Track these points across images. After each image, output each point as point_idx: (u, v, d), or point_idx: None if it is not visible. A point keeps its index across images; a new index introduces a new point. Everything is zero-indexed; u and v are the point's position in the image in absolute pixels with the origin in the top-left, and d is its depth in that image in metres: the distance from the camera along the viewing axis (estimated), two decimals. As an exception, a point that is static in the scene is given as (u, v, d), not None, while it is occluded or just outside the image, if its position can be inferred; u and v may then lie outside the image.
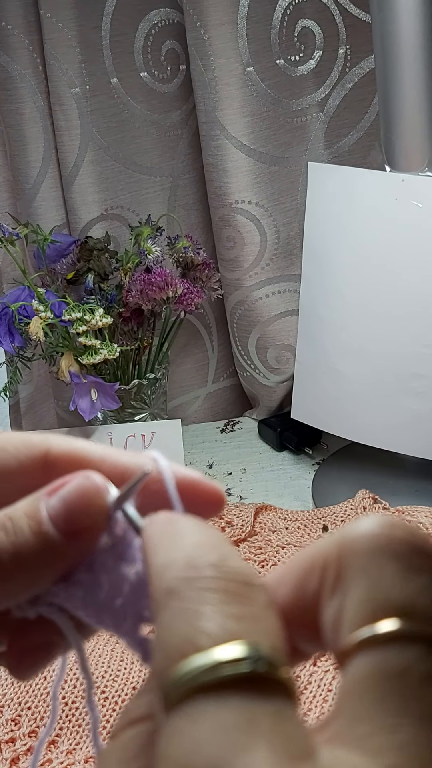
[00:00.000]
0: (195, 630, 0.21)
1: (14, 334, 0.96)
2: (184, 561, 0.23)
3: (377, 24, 0.81)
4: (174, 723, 0.20)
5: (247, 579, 0.22)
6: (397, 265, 0.87)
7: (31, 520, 0.26)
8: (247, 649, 0.20)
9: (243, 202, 1.03)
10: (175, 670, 0.20)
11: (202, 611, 0.21)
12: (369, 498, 0.89)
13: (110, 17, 0.99)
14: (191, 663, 0.20)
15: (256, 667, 0.20)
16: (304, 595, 0.24)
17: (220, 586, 0.22)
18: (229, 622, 0.21)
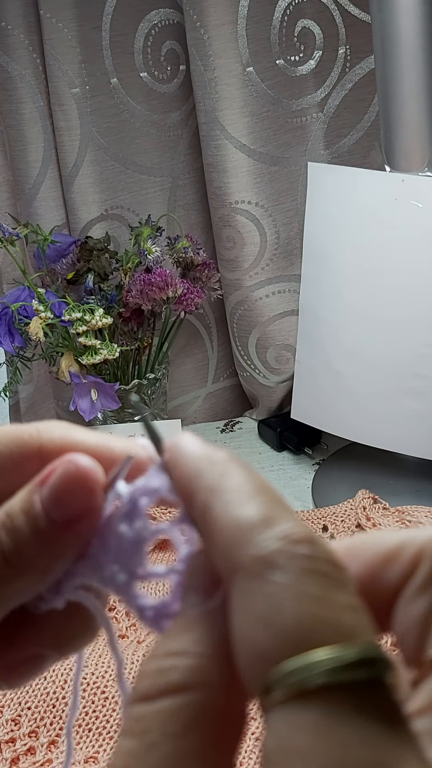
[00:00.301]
0: (316, 619, 0.20)
1: (14, 334, 0.96)
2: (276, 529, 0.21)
3: (377, 24, 0.81)
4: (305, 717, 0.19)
5: (338, 563, 0.21)
6: (397, 265, 0.87)
7: (27, 516, 0.26)
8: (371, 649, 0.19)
9: (243, 202, 1.03)
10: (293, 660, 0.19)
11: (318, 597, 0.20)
12: (369, 498, 0.89)
13: (110, 17, 0.99)
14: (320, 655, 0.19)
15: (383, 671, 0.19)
16: (378, 582, 0.23)
17: (321, 569, 0.21)
18: (346, 615, 0.20)
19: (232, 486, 0.22)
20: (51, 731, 0.68)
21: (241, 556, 0.21)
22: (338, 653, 0.19)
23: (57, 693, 0.70)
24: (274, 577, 0.20)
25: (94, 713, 0.70)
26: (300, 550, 0.21)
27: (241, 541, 0.21)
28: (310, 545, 0.21)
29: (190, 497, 0.24)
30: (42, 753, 0.67)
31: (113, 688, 0.70)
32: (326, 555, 0.21)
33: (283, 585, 0.20)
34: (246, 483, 0.23)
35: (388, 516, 0.85)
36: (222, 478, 0.23)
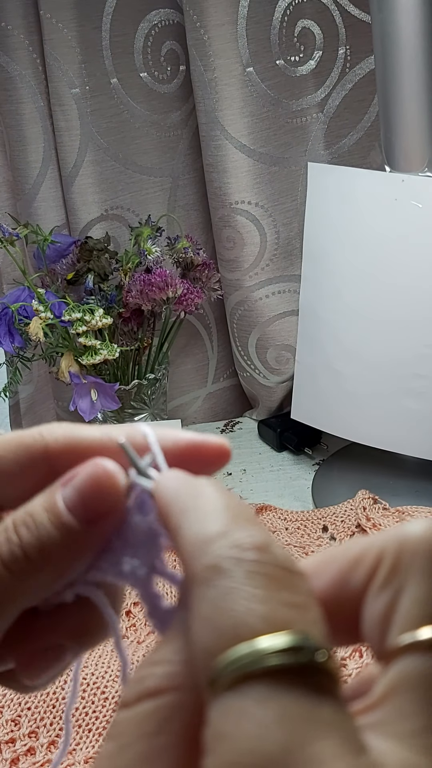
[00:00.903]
0: (251, 613, 0.21)
1: (14, 334, 0.96)
2: (229, 539, 0.23)
3: (377, 24, 0.81)
4: (234, 703, 0.20)
5: (290, 566, 0.23)
6: (397, 266, 0.87)
7: (50, 513, 0.27)
8: (301, 638, 0.21)
9: (243, 202, 1.03)
10: (230, 652, 0.20)
11: (256, 594, 0.21)
12: (369, 498, 0.89)
13: (110, 18, 0.99)
14: (248, 646, 0.20)
15: (315, 657, 0.20)
16: (346, 586, 0.24)
17: (267, 571, 0.22)
18: (282, 609, 0.21)
19: (199, 506, 0.24)
20: (51, 731, 0.68)
21: (196, 566, 0.22)
22: (265, 643, 0.20)
23: (57, 693, 0.70)
24: (220, 582, 0.22)
25: (94, 713, 0.70)
26: (246, 556, 0.22)
27: (198, 553, 0.23)
28: (258, 551, 0.22)
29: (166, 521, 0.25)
30: (42, 753, 0.67)
31: (113, 688, 0.70)
32: (274, 560, 0.22)
33: (226, 587, 0.21)
34: (212, 502, 0.24)
35: (388, 516, 0.85)
36: (192, 500, 0.24)
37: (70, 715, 0.32)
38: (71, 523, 0.26)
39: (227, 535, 0.23)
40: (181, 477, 0.26)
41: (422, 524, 0.24)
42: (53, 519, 0.27)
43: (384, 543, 0.24)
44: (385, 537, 0.24)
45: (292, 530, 0.88)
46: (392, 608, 0.22)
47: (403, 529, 0.24)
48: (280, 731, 0.19)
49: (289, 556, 0.23)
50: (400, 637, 0.22)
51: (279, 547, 0.23)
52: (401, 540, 0.23)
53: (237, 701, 0.20)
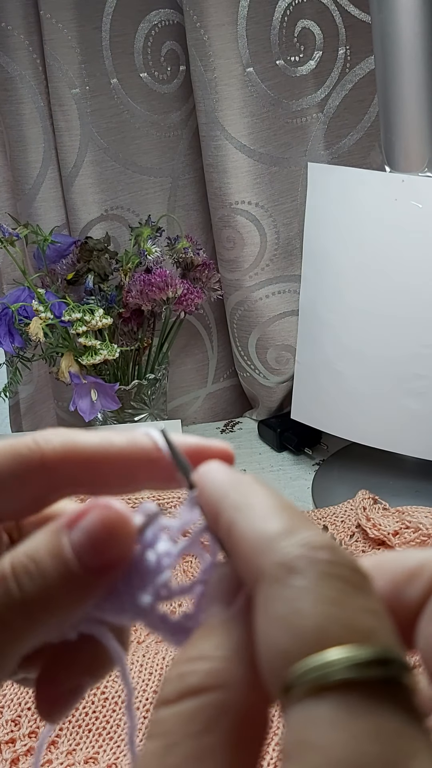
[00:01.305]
0: (332, 619, 0.20)
1: (14, 334, 0.96)
2: (299, 537, 0.22)
3: (377, 25, 0.81)
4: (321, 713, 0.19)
5: (360, 569, 0.22)
6: (397, 266, 0.87)
7: (56, 560, 0.25)
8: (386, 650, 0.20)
9: (243, 202, 1.03)
10: (313, 658, 0.20)
11: (334, 598, 0.21)
12: (369, 498, 0.89)
13: (110, 18, 0.99)
14: (336, 654, 0.20)
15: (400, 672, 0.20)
16: (400, 597, 0.23)
17: (342, 573, 0.21)
18: (363, 617, 0.21)
19: (255, 503, 0.24)
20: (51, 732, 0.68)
21: (265, 562, 0.22)
22: (353, 652, 0.20)
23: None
24: (295, 582, 0.21)
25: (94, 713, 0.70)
26: (320, 556, 0.21)
27: (265, 550, 0.22)
28: (331, 551, 0.22)
29: (216, 517, 0.25)
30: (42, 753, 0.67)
31: (113, 688, 0.70)
32: (346, 561, 0.22)
33: (302, 588, 0.21)
34: (268, 500, 0.24)
35: (388, 516, 0.85)
36: (246, 497, 0.24)
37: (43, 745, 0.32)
38: (79, 573, 0.25)
39: (294, 534, 0.22)
40: (227, 470, 0.25)
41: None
42: (60, 568, 0.25)
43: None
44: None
45: (292, 530, 0.88)
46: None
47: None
48: (378, 745, 0.19)
49: (355, 558, 0.22)
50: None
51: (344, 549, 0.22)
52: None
53: (325, 710, 0.19)
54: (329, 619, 0.20)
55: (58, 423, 1.18)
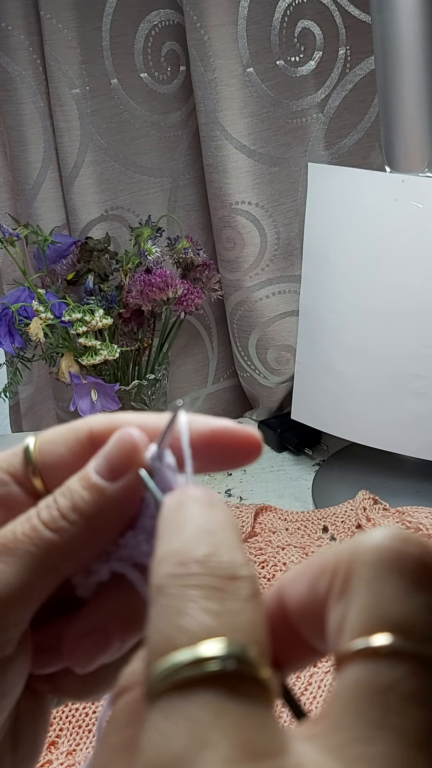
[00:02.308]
0: (174, 628, 0.22)
1: (14, 334, 0.96)
2: (175, 557, 0.24)
3: (377, 25, 0.81)
4: (151, 717, 0.21)
5: (231, 572, 0.23)
6: (397, 266, 0.87)
7: (82, 480, 0.29)
8: (224, 646, 0.21)
9: (243, 203, 1.03)
10: (156, 667, 0.21)
11: (183, 608, 0.22)
12: (369, 499, 0.89)
13: (110, 18, 0.99)
14: (169, 660, 0.21)
15: (225, 665, 0.21)
16: (316, 595, 0.25)
17: (202, 582, 0.23)
18: (207, 619, 0.22)
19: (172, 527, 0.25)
20: (51, 732, 0.68)
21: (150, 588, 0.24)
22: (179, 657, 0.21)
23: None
24: (159, 600, 0.23)
25: (94, 714, 0.70)
26: (183, 571, 0.23)
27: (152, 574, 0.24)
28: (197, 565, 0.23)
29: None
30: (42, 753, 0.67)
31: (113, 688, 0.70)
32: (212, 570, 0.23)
33: (161, 606, 0.23)
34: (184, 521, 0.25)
35: (389, 517, 0.85)
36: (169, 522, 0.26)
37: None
38: (98, 483, 0.29)
39: (177, 553, 0.24)
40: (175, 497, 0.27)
41: (373, 535, 0.24)
42: (84, 483, 0.29)
43: (339, 553, 0.24)
44: (342, 547, 0.25)
45: (293, 531, 0.88)
46: (343, 619, 0.23)
47: (355, 540, 0.24)
48: (178, 741, 0.20)
49: (235, 562, 0.23)
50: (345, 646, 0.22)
51: (227, 554, 0.23)
52: (352, 550, 0.24)
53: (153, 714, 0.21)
54: (171, 627, 0.22)
55: (58, 423, 1.18)
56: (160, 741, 0.20)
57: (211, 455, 0.30)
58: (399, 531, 0.24)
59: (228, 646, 0.21)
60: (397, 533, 0.24)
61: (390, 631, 0.21)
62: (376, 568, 0.23)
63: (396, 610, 0.22)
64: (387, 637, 0.21)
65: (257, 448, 0.30)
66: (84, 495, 0.29)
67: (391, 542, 0.23)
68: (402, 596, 0.22)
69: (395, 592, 0.22)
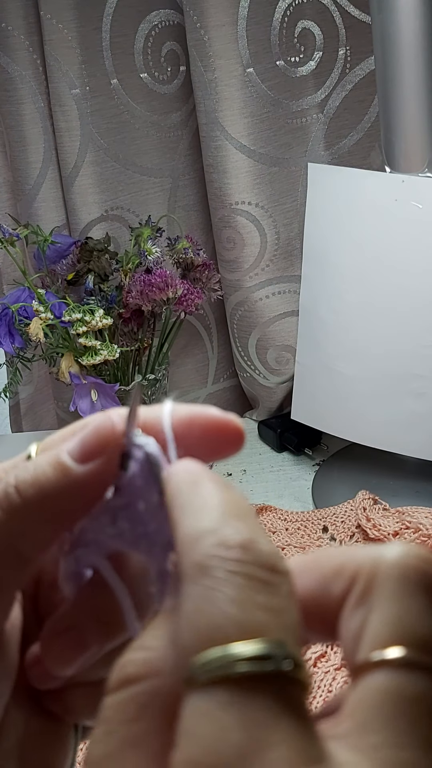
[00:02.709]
0: (227, 618, 0.22)
1: (14, 335, 0.96)
2: (217, 536, 0.23)
3: (377, 25, 0.81)
4: (201, 704, 0.21)
5: (274, 565, 0.23)
6: (397, 266, 0.87)
7: (51, 457, 0.28)
8: (271, 646, 0.21)
9: (243, 203, 1.03)
10: (204, 654, 0.21)
11: (235, 597, 0.22)
12: (369, 499, 0.89)
13: (110, 18, 0.99)
14: (220, 651, 0.21)
15: (282, 665, 0.21)
16: (327, 593, 0.25)
17: (249, 572, 0.22)
18: (258, 614, 0.22)
19: (195, 501, 0.25)
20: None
21: (185, 562, 0.23)
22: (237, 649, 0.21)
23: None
24: (203, 581, 0.22)
25: (94, 714, 0.69)
26: (229, 554, 0.23)
27: (188, 549, 0.23)
28: (242, 550, 0.23)
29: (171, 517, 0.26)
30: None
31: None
32: (257, 558, 0.23)
33: (207, 587, 0.22)
34: (209, 497, 0.25)
35: (388, 517, 0.85)
36: (191, 495, 0.25)
37: None
38: (66, 462, 0.27)
39: (216, 532, 0.23)
40: (187, 470, 0.26)
41: (396, 549, 0.25)
42: (52, 461, 0.28)
43: (361, 561, 0.25)
44: (363, 555, 0.25)
45: (292, 531, 0.88)
46: (364, 627, 0.23)
47: (379, 551, 0.25)
48: (239, 735, 0.20)
49: (274, 553, 0.23)
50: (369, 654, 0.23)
51: (266, 543, 0.23)
52: (376, 562, 0.24)
53: (204, 702, 0.21)
54: (223, 617, 0.22)
55: (58, 423, 1.18)
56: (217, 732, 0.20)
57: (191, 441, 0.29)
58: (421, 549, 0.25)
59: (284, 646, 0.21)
60: (420, 552, 0.25)
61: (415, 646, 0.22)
62: (402, 584, 0.24)
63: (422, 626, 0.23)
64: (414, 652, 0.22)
65: (238, 435, 0.30)
66: (47, 471, 0.28)
67: (416, 561, 0.24)
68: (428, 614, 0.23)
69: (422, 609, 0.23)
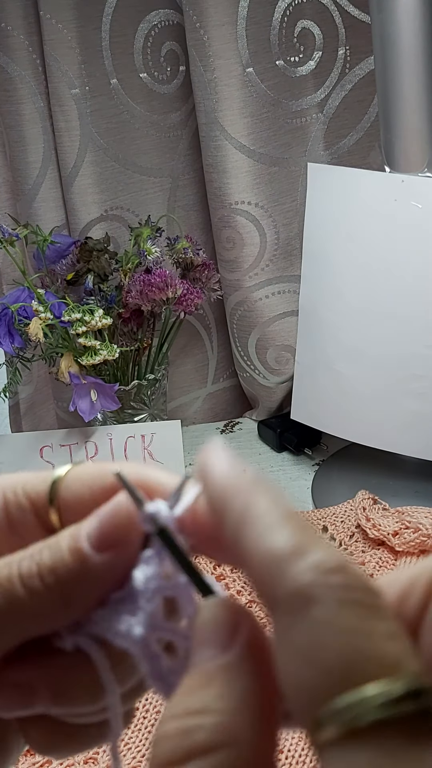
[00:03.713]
0: (360, 652, 0.19)
1: (14, 335, 0.96)
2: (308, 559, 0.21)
3: (377, 25, 0.81)
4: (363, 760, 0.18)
5: (373, 588, 0.21)
6: (397, 266, 0.87)
7: (71, 538, 0.27)
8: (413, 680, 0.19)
9: (243, 202, 1.03)
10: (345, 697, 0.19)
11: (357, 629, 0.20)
12: (369, 499, 0.89)
13: (110, 18, 0.99)
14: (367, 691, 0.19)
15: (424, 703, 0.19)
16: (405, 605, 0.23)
17: (358, 598, 0.20)
18: (391, 646, 0.20)
19: (261, 513, 0.22)
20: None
21: (278, 591, 0.21)
22: (385, 688, 0.19)
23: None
24: (313, 612, 0.20)
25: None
26: (335, 580, 0.20)
27: (276, 575, 0.21)
28: (344, 574, 0.21)
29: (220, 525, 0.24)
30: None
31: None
32: (360, 582, 0.21)
33: (322, 619, 0.20)
34: (273, 509, 0.22)
35: (388, 517, 0.85)
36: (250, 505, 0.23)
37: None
38: (84, 549, 0.26)
39: (304, 553, 0.21)
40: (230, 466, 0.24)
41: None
42: (70, 543, 0.27)
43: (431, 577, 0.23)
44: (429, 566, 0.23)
45: (292, 531, 0.88)
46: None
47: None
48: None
49: (365, 575, 0.21)
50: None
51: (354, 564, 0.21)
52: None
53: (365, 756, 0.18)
54: (355, 651, 0.19)
55: (57, 423, 1.18)
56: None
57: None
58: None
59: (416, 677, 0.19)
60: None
61: None
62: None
63: None
64: None
65: None
66: (66, 558, 0.26)
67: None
68: None
69: None
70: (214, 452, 0.25)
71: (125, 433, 1.02)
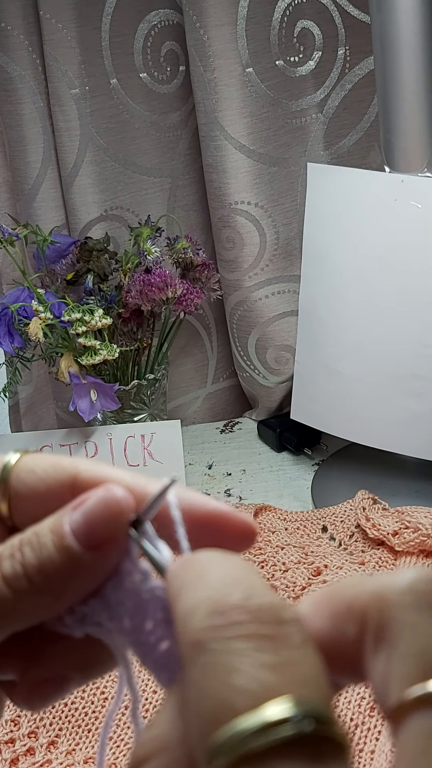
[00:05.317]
0: (230, 689, 0.20)
1: (14, 334, 0.96)
2: (208, 605, 0.21)
3: (376, 25, 0.81)
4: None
5: (277, 615, 0.21)
6: (397, 266, 0.87)
7: (55, 536, 0.26)
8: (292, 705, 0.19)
9: (242, 202, 1.03)
10: (216, 737, 0.19)
11: (235, 665, 0.20)
12: (368, 499, 0.89)
13: (110, 18, 0.99)
14: (232, 728, 0.19)
15: (302, 727, 0.19)
16: (342, 635, 0.23)
17: (250, 632, 0.21)
18: (266, 675, 0.20)
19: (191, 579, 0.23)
20: (50, 732, 0.68)
21: (181, 643, 0.22)
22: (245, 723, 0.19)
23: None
24: (200, 659, 0.20)
25: (94, 714, 0.70)
26: (222, 620, 0.21)
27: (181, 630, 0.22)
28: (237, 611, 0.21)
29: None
30: (41, 753, 0.67)
31: (113, 688, 0.71)
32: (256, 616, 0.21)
33: (205, 664, 0.20)
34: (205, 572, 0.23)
35: (388, 516, 0.85)
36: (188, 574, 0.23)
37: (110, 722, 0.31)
38: (74, 548, 0.26)
39: (208, 602, 0.21)
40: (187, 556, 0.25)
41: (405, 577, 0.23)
42: (56, 541, 0.26)
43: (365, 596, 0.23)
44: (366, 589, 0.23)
45: (292, 530, 0.88)
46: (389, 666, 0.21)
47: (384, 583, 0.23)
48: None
49: (277, 604, 0.21)
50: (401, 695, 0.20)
51: (265, 595, 0.21)
52: (381, 595, 0.22)
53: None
54: (227, 689, 0.20)
55: (57, 423, 1.18)
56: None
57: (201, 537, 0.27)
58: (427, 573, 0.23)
59: (297, 704, 0.19)
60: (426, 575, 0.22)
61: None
62: (419, 612, 0.22)
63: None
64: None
65: (252, 537, 0.28)
66: (54, 557, 0.26)
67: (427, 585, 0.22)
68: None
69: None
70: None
71: (125, 432, 1.02)
